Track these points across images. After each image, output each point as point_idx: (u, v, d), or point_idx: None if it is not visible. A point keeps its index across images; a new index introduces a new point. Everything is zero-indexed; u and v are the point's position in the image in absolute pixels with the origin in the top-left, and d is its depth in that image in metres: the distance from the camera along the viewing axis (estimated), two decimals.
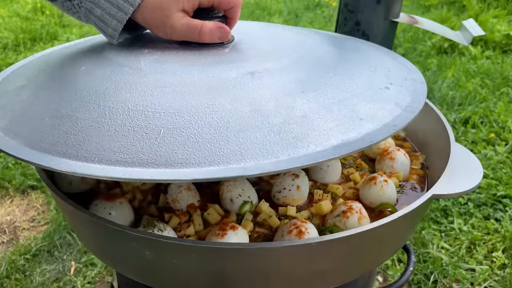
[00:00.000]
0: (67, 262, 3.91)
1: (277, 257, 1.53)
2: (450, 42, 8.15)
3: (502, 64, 7.35)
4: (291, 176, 2.01)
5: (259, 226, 1.93)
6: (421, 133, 2.52)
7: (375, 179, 2.03)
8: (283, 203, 2.06)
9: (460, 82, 6.92)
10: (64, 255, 3.99)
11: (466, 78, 7.04)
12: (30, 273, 3.78)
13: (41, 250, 4.00)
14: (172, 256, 1.55)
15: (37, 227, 4.33)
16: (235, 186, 1.97)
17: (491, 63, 7.61)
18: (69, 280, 3.77)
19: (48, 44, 8.27)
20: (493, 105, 6.28)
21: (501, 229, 4.39)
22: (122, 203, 1.88)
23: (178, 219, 1.90)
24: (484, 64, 7.48)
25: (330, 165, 2.17)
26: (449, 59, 7.88)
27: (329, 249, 1.57)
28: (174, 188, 1.98)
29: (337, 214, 1.89)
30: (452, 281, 3.96)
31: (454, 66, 7.50)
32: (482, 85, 7.01)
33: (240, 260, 1.55)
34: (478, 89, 6.74)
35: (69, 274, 3.82)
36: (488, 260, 4.18)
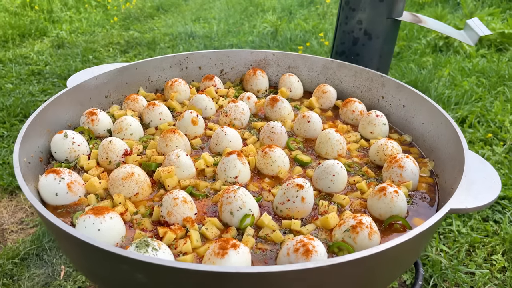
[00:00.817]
0: (57, 266, 3.74)
1: (284, 283, 1.39)
2: (445, 40, 8.05)
3: (498, 63, 7.27)
4: (295, 187, 1.87)
5: (261, 242, 1.79)
6: (429, 138, 2.39)
7: (384, 190, 1.90)
8: (287, 216, 1.92)
9: (456, 81, 6.82)
10: (53, 258, 3.82)
11: (462, 77, 6.94)
12: (18, 277, 3.61)
13: (29, 254, 3.82)
14: (169, 280, 1.41)
15: (26, 230, 4.15)
16: (235, 198, 1.82)
17: (487, 62, 7.52)
18: (59, 285, 3.60)
19: (37, 40, 8.05)
20: (489, 104, 6.19)
21: (500, 231, 4.30)
22: (112, 218, 1.72)
23: (174, 234, 1.75)
24: (479, 63, 7.39)
25: (336, 174, 2.03)
26: (444, 57, 7.78)
27: (342, 272, 1.43)
28: (169, 200, 1.83)
29: (345, 229, 1.75)
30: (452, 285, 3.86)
31: (449, 64, 7.40)
32: (478, 83, 6.93)
33: (243, 285, 1.40)
34: (474, 88, 6.64)
35: (58, 279, 3.65)
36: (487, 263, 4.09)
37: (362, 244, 1.71)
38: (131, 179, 1.93)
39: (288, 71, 3.11)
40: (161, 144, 2.23)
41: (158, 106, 2.53)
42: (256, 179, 2.15)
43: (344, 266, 1.37)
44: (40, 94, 6.07)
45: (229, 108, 2.56)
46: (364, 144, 2.45)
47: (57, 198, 1.91)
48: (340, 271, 1.41)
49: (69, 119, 2.45)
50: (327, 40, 7.97)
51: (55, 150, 2.18)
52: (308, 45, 7.89)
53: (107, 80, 2.66)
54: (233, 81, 3.17)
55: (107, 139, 2.16)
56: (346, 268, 1.40)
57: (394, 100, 2.66)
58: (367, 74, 2.80)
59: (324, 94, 2.83)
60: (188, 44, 8.10)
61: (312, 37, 8.28)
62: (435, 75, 7.01)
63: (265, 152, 2.15)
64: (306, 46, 7.90)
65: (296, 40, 8.21)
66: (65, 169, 1.97)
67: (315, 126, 2.48)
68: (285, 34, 8.41)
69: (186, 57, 3.00)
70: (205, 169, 2.17)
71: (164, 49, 7.88)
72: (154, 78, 2.94)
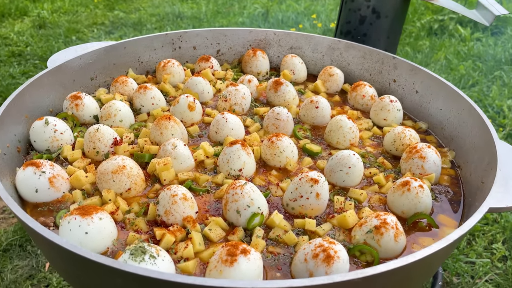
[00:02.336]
0: (41, 257, 3.51)
1: None
2: (440, 23, 7.86)
3: (495, 47, 7.12)
4: (309, 182, 1.66)
5: (272, 244, 1.58)
6: (448, 126, 2.19)
7: (408, 184, 1.69)
8: (299, 214, 1.71)
9: (452, 65, 6.67)
10: (37, 249, 3.58)
11: (458, 61, 6.78)
12: (1, 270, 3.37)
13: (12, 245, 3.58)
14: None
15: (8, 219, 3.89)
16: (242, 195, 1.60)
17: (482, 46, 7.37)
18: (44, 277, 3.37)
19: (18, 20, 7.64)
20: (486, 89, 6.05)
21: (501, 220, 4.20)
22: (102, 219, 1.49)
23: (173, 237, 1.52)
24: (474, 46, 7.24)
25: (352, 166, 1.82)
26: (439, 41, 7.60)
27: (375, 283, 1.23)
28: (167, 198, 1.60)
29: (368, 229, 1.54)
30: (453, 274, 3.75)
31: (444, 48, 7.23)
32: (474, 68, 6.78)
33: None
34: (471, 72, 6.50)
35: (43, 271, 3.42)
36: (488, 252, 3.98)
37: (387, 247, 1.51)
38: (123, 172, 1.70)
39: (290, 52, 2.87)
40: (155, 133, 2.00)
41: (150, 90, 2.28)
42: (262, 171, 1.94)
43: (379, 277, 1.17)
44: (21, 76, 5.75)
45: (228, 92, 2.32)
46: (377, 132, 2.24)
47: (38, 195, 1.67)
48: (373, 283, 1.20)
49: (51, 103, 2.19)
50: (320, 22, 7.73)
51: (35, 139, 1.93)
52: (301, 27, 7.64)
53: (92, 60, 2.40)
54: (230, 63, 2.93)
55: (94, 127, 1.91)
56: (380, 280, 1.20)
57: (408, 84, 2.45)
58: (378, 56, 2.58)
59: (331, 77, 2.60)
60: (176, 25, 7.79)
61: (305, 19, 8.02)
62: (431, 59, 6.83)
63: (272, 141, 1.93)
64: (298, 27, 7.65)
65: (288, 22, 7.94)
66: (46, 161, 1.72)
67: (324, 113, 2.26)
68: (276, 16, 8.13)
69: (179, 36, 2.75)
70: (204, 161, 1.94)
71: (151, 30, 7.56)
72: (144, 58, 2.69)
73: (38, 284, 3.35)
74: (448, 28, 8.11)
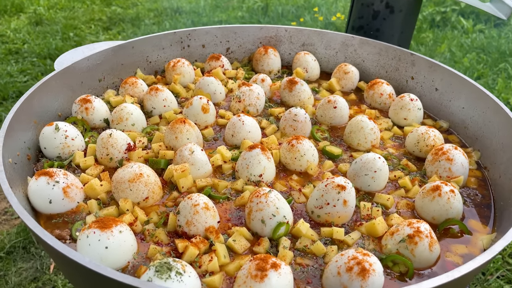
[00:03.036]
0: (46, 259, 3.43)
1: None
2: (442, 15, 7.78)
3: (498, 39, 7.04)
4: (335, 188, 1.58)
5: (300, 255, 1.51)
6: (471, 125, 2.11)
7: (439, 189, 1.62)
8: (325, 222, 1.63)
9: (455, 58, 6.59)
10: (41, 251, 3.50)
11: (462, 53, 6.71)
12: (5, 273, 3.29)
13: (15, 247, 3.50)
14: None
15: (10, 221, 3.80)
16: (267, 204, 1.52)
17: (485, 37, 7.29)
18: (49, 280, 3.29)
19: (14, 17, 7.51)
20: (492, 82, 5.98)
21: None
22: (122, 232, 1.41)
23: (197, 249, 1.45)
24: (477, 38, 7.16)
25: (378, 170, 1.75)
26: (441, 33, 7.52)
27: None
28: (188, 208, 1.53)
29: (400, 238, 1.47)
30: None
31: (446, 40, 7.15)
32: (479, 60, 6.71)
33: None
34: (475, 65, 6.43)
35: (48, 273, 3.34)
36: None
37: (422, 257, 1.44)
38: (140, 181, 1.62)
39: (302, 49, 2.79)
40: (169, 137, 1.91)
41: (162, 91, 2.20)
42: (282, 176, 1.86)
43: None
44: (19, 74, 5.64)
45: (242, 93, 2.24)
46: (398, 132, 2.17)
47: (51, 206, 1.59)
48: None
49: (59, 107, 2.11)
50: (321, 15, 7.63)
51: (45, 146, 1.85)
52: (302, 20, 7.54)
53: (100, 61, 2.32)
54: (240, 61, 2.84)
55: (107, 132, 1.83)
56: None
57: (427, 82, 2.38)
58: (394, 52, 2.50)
59: (346, 75, 2.52)
60: (175, 20, 7.67)
61: (305, 12, 7.92)
62: (435, 52, 6.75)
63: (292, 144, 1.86)
64: (299, 21, 7.55)
65: (288, 16, 7.84)
66: (59, 170, 1.64)
67: (342, 113, 2.18)
68: (276, 9, 8.03)
69: (188, 34, 2.66)
70: (222, 165, 1.86)
71: (149, 26, 7.44)
72: (152, 58, 2.60)
73: (43, 287, 3.28)
74: (451, 20, 8.02)
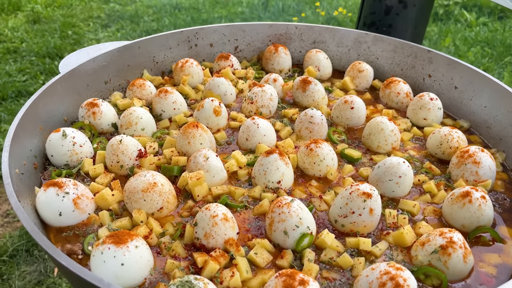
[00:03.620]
0: (49, 262, 3.35)
1: None
2: (445, 8, 7.68)
3: (503, 32, 6.96)
4: (361, 196, 1.50)
5: (326, 269, 1.42)
6: (495, 125, 2.03)
7: (469, 195, 1.54)
8: (350, 231, 1.55)
9: (460, 52, 6.51)
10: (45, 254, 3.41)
11: (466, 47, 6.62)
12: (8, 276, 3.21)
13: (18, 250, 3.41)
14: None
15: (12, 223, 3.71)
16: (290, 214, 1.44)
17: (489, 31, 7.21)
18: (53, 283, 3.21)
19: (11, 15, 7.38)
20: (497, 76, 5.90)
21: None
22: (138, 247, 1.33)
23: (217, 264, 1.37)
24: (481, 31, 7.08)
25: (403, 175, 1.67)
26: (444, 26, 7.43)
27: None
28: (206, 219, 1.44)
29: (432, 249, 1.39)
30: None
31: (450, 34, 7.07)
32: (484, 53, 6.63)
33: None
34: (480, 59, 6.35)
35: (52, 276, 3.26)
36: None
37: (456, 269, 1.36)
38: (154, 190, 1.54)
39: (313, 47, 2.70)
40: (182, 142, 1.83)
41: (171, 94, 2.11)
42: (300, 181, 1.78)
43: None
44: (17, 74, 5.54)
45: (254, 94, 2.16)
46: (417, 132, 2.09)
47: (61, 218, 1.50)
48: None
49: (65, 112, 2.02)
50: (323, 10, 7.53)
51: (52, 153, 1.76)
52: (304, 15, 7.44)
53: (106, 62, 2.22)
54: (249, 60, 2.75)
55: (117, 138, 1.74)
56: None
57: (445, 80, 2.29)
58: (410, 49, 2.42)
59: (360, 73, 2.43)
60: (174, 16, 7.56)
61: (306, 7, 7.82)
62: (440, 46, 6.66)
63: (311, 149, 1.77)
64: (300, 16, 7.45)
65: (289, 11, 7.74)
66: (68, 181, 1.55)
67: (359, 113, 2.10)
68: (277, 4, 7.92)
69: (195, 33, 2.57)
70: (238, 171, 1.78)
71: (149, 23, 7.33)
72: (159, 58, 2.51)
73: None
74: (453, 13, 7.93)
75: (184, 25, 7.26)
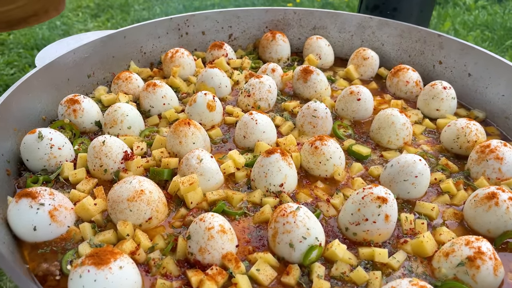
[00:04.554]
0: None
1: None
2: None
3: (503, 15, 6.78)
4: (375, 201, 1.33)
5: (337, 285, 1.26)
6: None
7: (495, 197, 1.37)
8: (363, 240, 1.39)
9: (459, 36, 6.33)
10: None
11: (466, 31, 6.45)
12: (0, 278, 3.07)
13: None
14: None
15: None
16: (296, 224, 1.27)
17: (488, 14, 7.03)
18: None
19: None
20: None
21: None
22: (122, 267, 1.16)
23: (214, 283, 1.20)
24: (480, 15, 6.91)
25: (419, 174, 1.50)
26: (443, 10, 7.25)
27: None
28: (201, 232, 1.27)
29: (458, 261, 1.23)
30: None
31: (449, 17, 6.89)
32: (483, 37, 6.46)
33: None
34: (480, 43, 6.18)
35: None
36: None
37: (485, 283, 1.20)
38: (141, 199, 1.36)
39: (313, 33, 2.51)
40: (172, 141, 1.65)
41: (160, 87, 1.92)
42: (305, 183, 1.61)
43: None
44: (5, 67, 5.32)
45: (251, 86, 1.97)
46: (430, 125, 1.92)
47: (37, 233, 1.33)
48: None
49: (43, 109, 1.83)
50: None
51: (28, 158, 1.58)
52: (298, 1, 7.22)
53: (88, 54, 2.03)
54: (244, 48, 2.57)
55: (99, 139, 1.56)
56: None
57: (458, 66, 2.12)
58: (419, 34, 2.24)
59: (365, 61, 2.25)
60: (165, 4, 7.33)
61: None
62: (439, 30, 6.47)
63: (316, 147, 1.60)
64: (295, 2, 7.23)
65: None
66: (43, 190, 1.37)
67: (367, 105, 1.92)
68: None
69: (186, 20, 2.37)
70: (235, 173, 1.61)
71: (139, 11, 7.09)
72: (147, 48, 2.32)
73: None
74: None
75: (176, 13, 7.03)
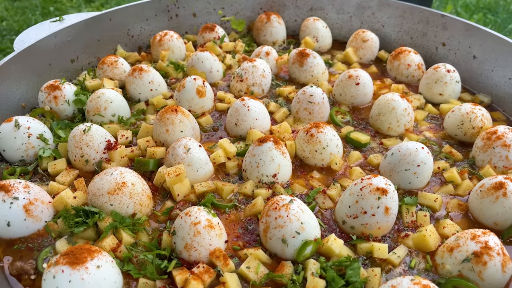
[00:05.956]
0: None
1: None
2: None
3: None
4: (374, 193, 1.24)
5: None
6: None
7: (503, 187, 1.28)
8: (361, 234, 1.30)
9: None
10: None
11: (468, 14, 6.31)
12: None
13: None
14: None
15: None
16: (288, 218, 1.18)
17: None
18: None
19: None
20: None
21: None
22: (100, 266, 1.07)
23: (200, 283, 1.12)
24: None
25: (421, 164, 1.40)
26: None
27: None
28: (186, 227, 1.18)
29: (464, 257, 1.14)
30: None
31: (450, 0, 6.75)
32: (486, 21, 6.33)
33: None
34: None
35: None
36: None
37: (493, 280, 1.12)
38: (122, 192, 1.27)
39: (310, 15, 2.40)
40: (159, 130, 1.55)
41: (147, 72, 1.82)
42: (300, 173, 1.51)
43: None
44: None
45: (244, 70, 1.87)
46: (432, 110, 1.82)
47: (11, 229, 1.24)
48: None
49: (22, 96, 1.74)
50: None
51: (4, 148, 1.49)
52: None
53: (71, 37, 1.93)
54: (238, 31, 2.45)
55: (80, 128, 1.46)
56: None
57: (462, 48, 2.01)
58: (421, 14, 2.12)
59: (365, 44, 2.15)
60: None
61: None
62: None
63: (311, 134, 1.50)
64: None
65: None
66: (18, 182, 1.28)
67: (366, 90, 1.82)
68: None
69: (175, 1, 2.27)
70: (226, 163, 1.51)
71: None
72: (135, 31, 2.21)
73: None
74: None
75: None
